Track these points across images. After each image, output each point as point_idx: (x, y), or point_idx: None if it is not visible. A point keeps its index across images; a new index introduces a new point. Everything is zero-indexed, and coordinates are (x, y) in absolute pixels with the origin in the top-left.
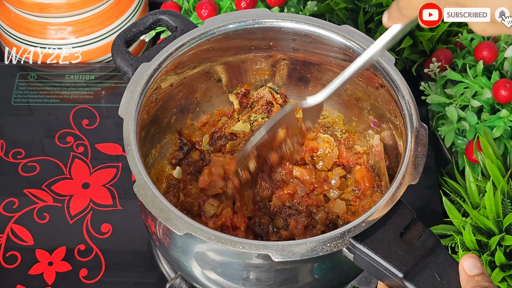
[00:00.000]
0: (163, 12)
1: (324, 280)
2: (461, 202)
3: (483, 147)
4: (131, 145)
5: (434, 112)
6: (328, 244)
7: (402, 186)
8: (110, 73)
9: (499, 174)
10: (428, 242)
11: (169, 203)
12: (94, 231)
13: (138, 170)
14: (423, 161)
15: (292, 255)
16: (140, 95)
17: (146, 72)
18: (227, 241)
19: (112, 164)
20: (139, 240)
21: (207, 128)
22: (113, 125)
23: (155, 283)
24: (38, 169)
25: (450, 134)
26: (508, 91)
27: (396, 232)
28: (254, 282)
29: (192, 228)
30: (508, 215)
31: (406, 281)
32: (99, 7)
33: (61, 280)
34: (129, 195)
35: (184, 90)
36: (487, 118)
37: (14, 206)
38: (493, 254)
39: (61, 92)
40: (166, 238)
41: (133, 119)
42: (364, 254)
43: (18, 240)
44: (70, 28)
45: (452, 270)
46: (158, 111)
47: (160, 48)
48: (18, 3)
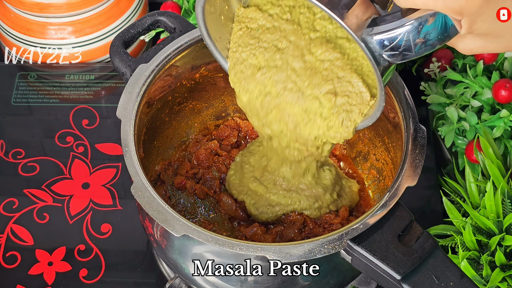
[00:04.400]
0: (161, 13)
1: (322, 282)
2: (461, 202)
3: (483, 147)
4: (129, 147)
5: (434, 112)
6: (325, 246)
7: (401, 188)
8: (110, 73)
9: (499, 174)
10: (426, 244)
11: (167, 204)
12: (94, 231)
13: (136, 171)
14: (422, 163)
15: (289, 257)
16: (138, 96)
17: (144, 73)
18: (225, 242)
19: (112, 164)
20: (139, 240)
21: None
22: (113, 125)
23: (155, 283)
24: (38, 169)
25: (450, 134)
26: (508, 91)
27: (394, 234)
28: (252, 284)
29: (190, 230)
30: (508, 215)
31: (403, 283)
32: (99, 7)
33: (61, 280)
34: (129, 195)
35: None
36: (487, 118)
37: (14, 206)
38: (493, 254)
39: (61, 92)
40: (163, 240)
41: (131, 121)
42: (362, 256)
43: (18, 240)
44: (70, 28)
45: (450, 272)
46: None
47: (158, 49)
48: (18, 3)
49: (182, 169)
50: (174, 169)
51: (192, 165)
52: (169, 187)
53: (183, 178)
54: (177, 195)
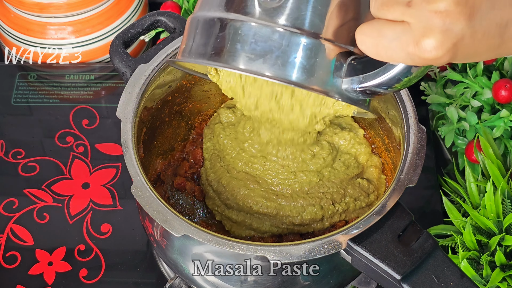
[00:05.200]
0: (161, 13)
1: (322, 282)
2: (461, 202)
3: (483, 147)
4: (129, 147)
5: (434, 112)
6: (325, 246)
7: (400, 188)
8: (110, 73)
9: (499, 174)
10: (426, 245)
11: (167, 204)
12: (94, 231)
13: (136, 171)
14: (421, 163)
15: (289, 257)
16: (138, 97)
17: (144, 73)
18: (225, 242)
19: (112, 164)
20: (139, 240)
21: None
22: (113, 125)
23: (155, 283)
24: (38, 169)
25: (450, 134)
26: (508, 91)
27: (394, 234)
28: (252, 284)
29: (190, 230)
30: (508, 215)
31: (403, 283)
32: (99, 7)
33: (61, 280)
34: (129, 195)
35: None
36: (487, 118)
37: (14, 206)
38: (493, 254)
39: (61, 92)
40: (163, 240)
41: (131, 121)
42: (362, 256)
43: (18, 240)
44: (70, 28)
45: (450, 272)
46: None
47: (158, 49)
48: (18, 3)
49: (181, 169)
50: (174, 169)
51: (190, 165)
52: (169, 187)
53: (183, 179)
54: (176, 195)
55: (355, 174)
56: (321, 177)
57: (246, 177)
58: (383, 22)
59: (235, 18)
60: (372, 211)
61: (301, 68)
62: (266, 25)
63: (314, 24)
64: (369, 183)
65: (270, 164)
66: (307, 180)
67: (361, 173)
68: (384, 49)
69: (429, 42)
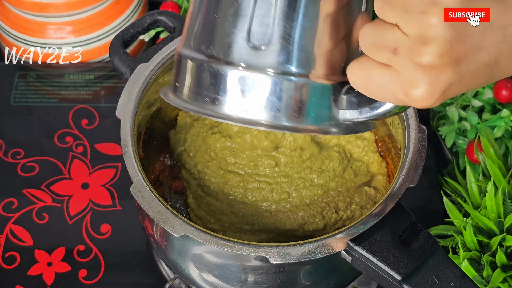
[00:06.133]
0: (161, 12)
1: (322, 282)
2: (462, 202)
3: (484, 147)
4: (128, 147)
5: (435, 112)
6: (326, 246)
7: (401, 188)
8: (110, 73)
9: (500, 174)
10: (427, 245)
11: (167, 205)
12: (93, 232)
13: (135, 171)
14: (422, 163)
15: (289, 257)
16: (138, 96)
17: (143, 73)
18: (225, 243)
19: (111, 164)
20: (139, 240)
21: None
22: (113, 125)
23: (155, 284)
24: (37, 169)
25: (451, 134)
26: (509, 91)
27: (394, 234)
28: (252, 284)
29: (190, 230)
30: (509, 216)
31: (404, 284)
32: (99, 6)
33: (60, 281)
34: (128, 195)
35: None
36: (488, 118)
37: (13, 207)
38: (494, 254)
39: (61, 92)
40: (163, 240)
41: (131, 121)
42: (362, 256)
43: (17, 241)
44: (69, 27)
45: (451, 272)
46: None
47: (158, 49)
48: (17, 3)
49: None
50: (172, 170)
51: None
52: (167, 189)
53: (182, 182)
54: (173, 198)
55: (362, 182)
56: (326, 189)
57: (231, 201)
58: (372, 63)
59: (224, 63)
60: (373, 211)
61: (296, 111)
62: (257, 72)
63: (304, 63)
64: (376, 192)
65: (253, 185)
66: (311, 195)
67: (368, 182)
68: (375, 91)
69: (417, 93)
